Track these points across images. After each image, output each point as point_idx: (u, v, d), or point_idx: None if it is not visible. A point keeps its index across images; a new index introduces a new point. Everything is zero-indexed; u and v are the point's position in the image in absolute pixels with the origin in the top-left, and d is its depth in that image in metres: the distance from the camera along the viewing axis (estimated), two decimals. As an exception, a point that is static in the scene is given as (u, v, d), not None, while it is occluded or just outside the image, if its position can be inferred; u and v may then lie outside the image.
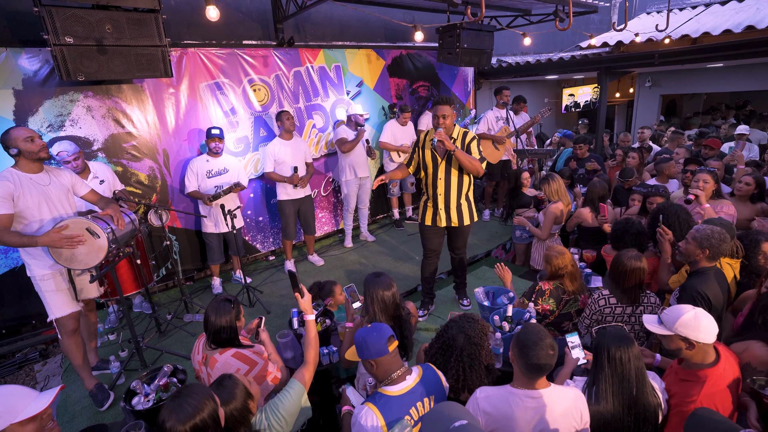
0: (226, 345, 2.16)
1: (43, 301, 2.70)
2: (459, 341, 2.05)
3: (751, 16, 4.70)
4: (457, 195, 3.42)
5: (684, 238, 2.53)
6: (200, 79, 4.28)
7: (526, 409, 1.69)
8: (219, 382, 1.74)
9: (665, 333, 1.84)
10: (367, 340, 1.76)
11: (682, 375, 1.90)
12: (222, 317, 2.13)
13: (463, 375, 2.03)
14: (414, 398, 1.80)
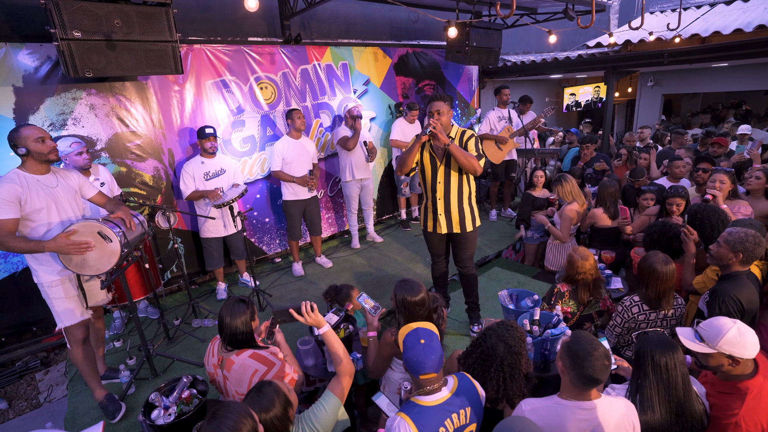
0: (242, 346, 2.11)
1: (51, 309, 2.57)
2: (499, 351, 1.97)
3: (761, 15, 4.71)
4: (458, 199, 3.14)
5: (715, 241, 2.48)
6: (206, 76, 4.15)
7: (578, 421, 1.62)
8: (258, 389, 1.68)
9: (707, 351, 1.72)
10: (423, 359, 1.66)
11: (720, 387, 1.83)
12: (237, 318, 2.08)
13: (504, 386, 1.97)
14: (450, 409, 1.73)
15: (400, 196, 5.93)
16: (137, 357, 3.29)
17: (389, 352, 2.26)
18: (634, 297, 2.52)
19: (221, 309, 2.15)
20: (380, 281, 4.44)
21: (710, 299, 2.42)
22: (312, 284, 4.50)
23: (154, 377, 3.07)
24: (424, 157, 3.09)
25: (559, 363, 1.69)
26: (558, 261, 4.32)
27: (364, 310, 2.53)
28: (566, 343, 1.67)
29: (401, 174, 3.17)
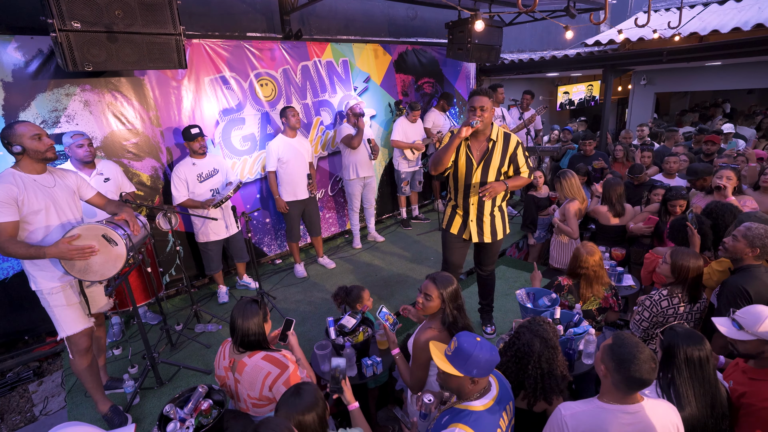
0: (254, 348, 2.05)
1: (52, 317, 2.42)
2: (536, 346, 1.93)
3: (757, 15, 4.80)
4: (492, 204, 2.98)
5: (731, 236, 2.49)
6: (205, 72, 4.00)
7: (622, 425, 1.57)
8: (297, 389, 1.63)
9: (748, 338, 1.75)
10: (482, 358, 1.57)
11: (753, 374, 1.84)
12: (249, 319, 2.03)
13: (542, 383, 1.92)
14: (499, 409, 1.67)
15: (400, 194, 5.86)
16: (140, 365, 3.14)
17: (427, 357, 2.10)
18: (663, 291, 2.50)
19: (233, 310, 2.10)
20: (387, 282, 4.37)
21: (720, 291, 2.43)
22: (316, 286, 4.40)
23: (160, 386, 2.93)
24: (459, 157, 2.88)
25: (601, 366, 1.64)
26: (563, 258, 4.31)
27: (385, 326, 2.43)
28: (609, 346, 1.62)
29: (435, 173, 2.93)
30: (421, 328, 2.26)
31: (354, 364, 2.48)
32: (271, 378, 2.00)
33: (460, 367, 1.58)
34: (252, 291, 4.35)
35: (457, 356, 1.60)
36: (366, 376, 2.48)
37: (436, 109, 5.89)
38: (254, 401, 2.07)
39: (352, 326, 2.61)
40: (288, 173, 4.20)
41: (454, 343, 1.64)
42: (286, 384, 1.99)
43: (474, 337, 1.64)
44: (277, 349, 2.12)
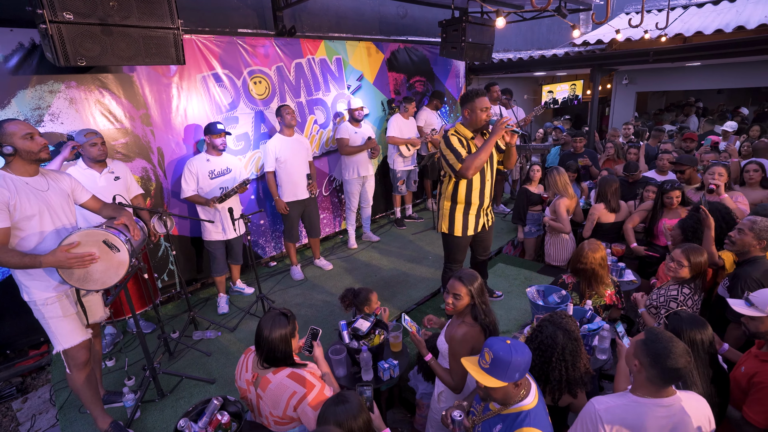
0: (279, 364, 1.93)
1: (47, 329, 2.26)
2: (559, 339, 1.93)
3: (736, 17, 5.00)
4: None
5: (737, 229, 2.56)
6: (197, 69, 3.85)
7: (657, 419, 1.58)
8: (341, 399, 1.58)
9: (759, 315, 1.88)
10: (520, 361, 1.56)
11: (763, 357, 1.94)
12: (277, 332, 1.90)
13: (566, 375, 1.91)
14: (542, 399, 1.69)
15: (395, 194, 5.81)
16: (137, 377, 2.99)
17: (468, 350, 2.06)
18: (685, 290, 2.51)
19: (260, 321, 1.96)
20: (387, 282, 4.32)
21: (732, 283, 2.51)
22: (315, 288, 4.30)
23: (161, 398, 2.79)
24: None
25: (635, 361, 1.64)
26: (559, 255, 4.37)
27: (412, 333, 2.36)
28: (642, 342, 1.62)
29: (471, 176, 2.97)
30: (451, 324, 2.22)
31: (371, 368, 2.42)
32: (296, 398, 1.86)
33: (502, 377, 1.55)
34: (246, 296, 4.22)
35: (495, 367, 1.56)
36: (383, 379, 2.43)
37: (428, 108, 5.87)
38: (276, 419, 1.96)
39: (366, 329, 2.55)
40: (287, 173, 4.09)
41: (488, 355, 1.59)
42: (312, 405, 1.85)
43: (504, 341, 1.61)
44: (302, 364, 1.98)
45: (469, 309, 2.10)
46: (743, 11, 5.33)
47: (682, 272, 2.53)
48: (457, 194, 3.15)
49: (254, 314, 3.79)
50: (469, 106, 2.93)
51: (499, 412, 1.66)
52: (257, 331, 1.94)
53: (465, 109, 2.99)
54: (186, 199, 3.64)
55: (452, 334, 2.12)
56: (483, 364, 1.61)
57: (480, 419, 1.76)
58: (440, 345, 2.29)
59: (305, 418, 1.87)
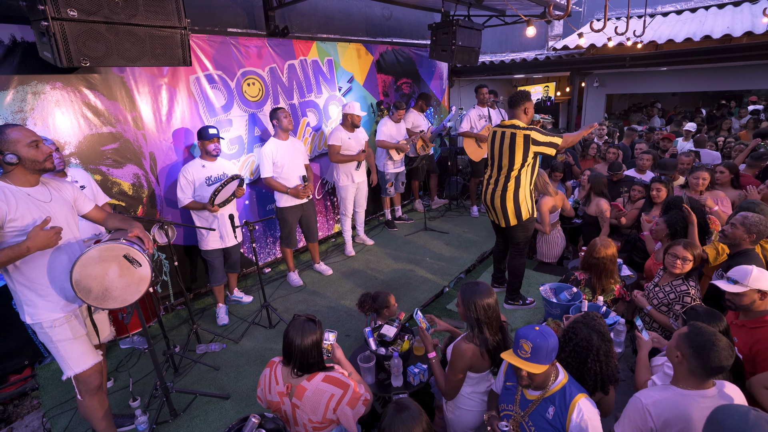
0: (312, 370, 1.93)
1: (56, 354, 2.08)
2: (594, 341, 1.99)
3: (700, 27, 5.39)
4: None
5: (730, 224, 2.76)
6: (191, 69, 3.67)
7: (702, 409, 1.66)
8: (402, 407, 1.58)
9: (742, 290, 2.08)
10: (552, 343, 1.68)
11: (751, 325, 2.13)
12: (308, 338, 1.91)
13: (601, 374, 1.98)
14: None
15: (384, 196, 5.81)
16: (143, 397, 2.81)
17: (466, 365, 2.13)
18: (691, 282, 2.67)
19: (288, 330, 1.95)
20: (389, 285, 4.30)
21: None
22: (316, 294, 4.22)
23: (174, 418, 2.64)
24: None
25: (677, 353, 1.72)
26: (551, 252, 4.54)
27: (421, 329, 2.39)
28: (685, 335, 1.71)
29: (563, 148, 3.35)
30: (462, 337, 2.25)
31: (401, 374, 2.41)
32: (335, 400, 1.88)
33: (544, 360, 1.67)
34: (244, 305, 4.08)
35: (536, 354, 1.67)
36: (413, 384, 2.42)
37: (414, 110, 5.92)
38: (315, 425, 1.93)
39: (393, 335, 2.54)
40: (285, 178, 3.98)
41: (527, 345, 1.68)
42: (350, 404, 1.90)
43: (533, 329, 1.72)
44: (331, 367, 2.00)
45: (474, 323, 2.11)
46: (705, 21, 5.76)
47: (687, 266, 2.69)
48: (530, 181, 3.51)
49: (258, 323, 3.67)
50: (526, 104, 3.33)
51: (542, 396, 1.74)
52: (287, 341, 1.93)
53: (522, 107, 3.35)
54: (185, 207, 3.46)
55: (456, 347, 2.15)
56: (523, 354, 1.69)
57: (526, 413, 1.80)
58: (448, 352, 2.32)
59: (344, 418, 1.90)
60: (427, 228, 5.72)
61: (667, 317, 2.69)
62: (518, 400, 1.83)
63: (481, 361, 2.10)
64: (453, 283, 4.35)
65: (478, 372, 2.13)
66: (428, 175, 6.51)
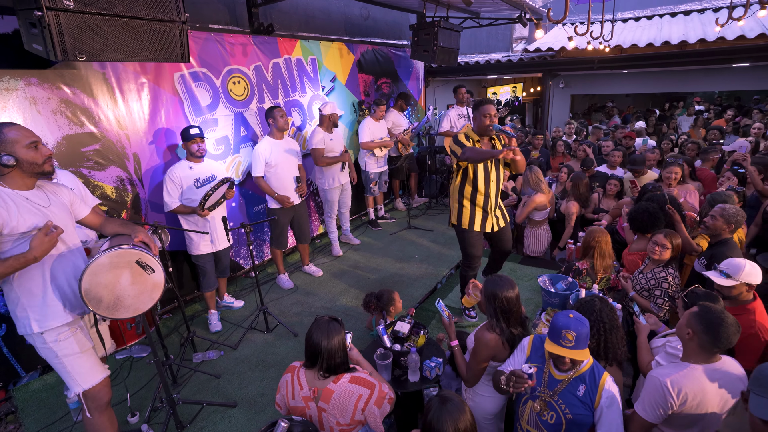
0: (339, 371, 1.93)
1: (61, 370, 1.94)
2: (596, 304, 2.11)
3: (659, 34, 5.82)
4: (501, 196, 3.43)
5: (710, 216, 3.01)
6: (175, 66, 3.51)
7: (713, 380, 1.82)
8: (444, 399, 1.60)
9: (733, 283, 2.25)
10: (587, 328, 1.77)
11: (733, 311, 2.24)
12: (335, 339, 1.90)
13: (604, 337, 2.06)
14: None
15: (368, 195, 5.81)
16: (141, 411, 2.66)
17: (490, 354, 2.20)
18: (670, 270, 2.87)
19: (312, 332, 1.93)
20: (381, 284, 4.31)
21: (709, 261, 2.94)
22: (310, 295, 4.16)
23: (181, 431, 2.52)
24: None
25: (688, 330, 1.86)
26: (537, 246, 4.73)
27: (442, 317, 2.45)
28: (695, 313, 1.85)
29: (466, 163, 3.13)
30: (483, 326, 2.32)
31: (418, 369, 2.44)
32: (363, 401, 1.88)
33: (585, 345, 1.78)
34: (235, 310, 3.96)
35: (580, 341, 1.75)
36: (429, 378, 2.46)
37: (394, 109, 5.96)
38: (343, 428, 1.92)
39: (408, 331, 2.56)
40: (278, 178, 3.90)
41: (571, 335, 1.74)
42: (377, 403, 1.90)
43: (567, 316, 1.80)
44: (354, 368, 2.00)
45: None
46: (662, 28, 6.24)
47: (666, 254, 2.90)
48: (464, 191, 3.28)
49: (255, 328, 3.57)
50: (478, 111, 3.08)
51: (573, 376, 1.83)
52: (311, 343, 1.91)
53: (474, 114, 3.13)
54: (172, 212, 3.30)
55: (479, 336, 2.22)
56: (567, 344, 1.76)
57: (555, 392, 1.88)
58: (469, 341, 2.39)
59: (372, 418, 1.90)
60: (411, 226, 5.78)
61: (648, 302, 2.88)
62: (546, 381, 1.91)
63: (503, 351, 2.16)
64: (445, 279, 4.44)
65: (499, 361, 2.20)
66: (408, 174, 6.59)
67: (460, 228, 3.38)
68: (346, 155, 4.61)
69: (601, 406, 1.79)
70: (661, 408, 1.82)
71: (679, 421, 1.86)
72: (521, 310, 2.28)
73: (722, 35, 4.92)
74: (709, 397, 1.80)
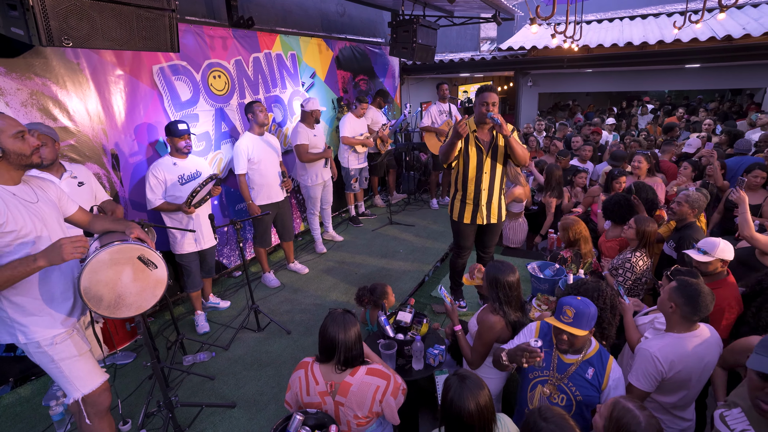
0: (355, 363, 1.94)
1: (58, 375, 1.82)
2: (602, 284, 2.23)
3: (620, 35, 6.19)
4: (498, 190, 3.25)
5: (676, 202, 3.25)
6: (154, 58, 3.36)
7: (695, 347, 1.98)
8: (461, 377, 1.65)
9: (710, 260, 2.43)
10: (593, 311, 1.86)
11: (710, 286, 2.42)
12: (351, 330, 1.91)
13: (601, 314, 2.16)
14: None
15: (348, 191, 5.80)
16: (133, 419, 2.53)
17: (495, 337, 2.28)
18: (637, 253, 3.08)
19: (327, 327, 1.92)
20: (370, 279, 4.30)
21: (679, 243, 3.17)
22: (298, 292, 4.11)
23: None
24: (470, 148, 3.06)
25: (670, 304, 2.01)
26: (516, 238, 4.90)
27: (445, 302, 2.51)
28: (675, 288, 2.00)
29: (446, 164, 3.09)
30: (485, 309, 2.39)
31: (422, 357, 2.47)
32: (380, 392, 1.89)
33: (585, 326, 1.85)
34: (222, 311, 3.84)
35: (579, 319, 1.84)
36: (433, 366, 2.50)
37: (372, 106, 5.98)
38: (360, 420, 1.92)
39: (410, 321, 2.59)
40: (261, 174, 3.82)
41: (570, 311, 1.85)
42: (393, 394, 1.92)
43: (575, 299, 1.90)
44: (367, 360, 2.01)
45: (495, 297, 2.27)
46: (623, 30, 6.64)
47: (629, 233, 3.11)
48: (458, 182, 3.29)
49: (247, 327, 3.48)
50: (477, 98, 3.02)
51: (581, 360, 1.93)
52: (327, 337, 1.90)
53: (474, 101, 3.09)
54: (156, 209, 3.16)
55: (483, 319, 2.29)
56: (566, 320, 1.86)
57: (565, 376, 1.98)
58: (471, 325, 2.47)
59: (388, 409, 1.92)
60: (392, 222, 5.82)
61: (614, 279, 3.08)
62: (555, 366, 2.00)
63: (506, 333, 2.24)
64: (432, 271, 4.51)
65: (502, 343, 2.28)
66: (387, 170, 6.63)
67: (451, 218, 3.44)
68: (328, 151, 4.58)
69: (609, 387, 1.89)
70: (654, 377, 1.96)
71: (669, 387, 2.01)
72: (521, 296, 2.37)
73: (678, 37, 5.31)
74: (693, 362, 1.96)
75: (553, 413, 1.34)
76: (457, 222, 3.39)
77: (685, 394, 2.05)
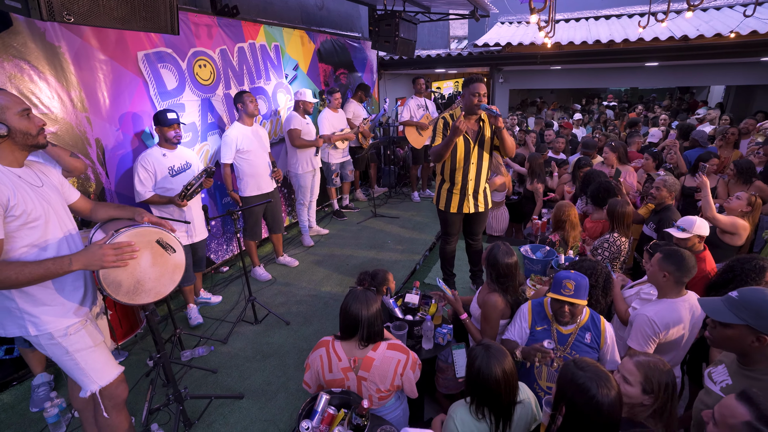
0: (377, 338, 2.00)
1: (73, 367, 1.73)
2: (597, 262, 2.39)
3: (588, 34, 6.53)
4: (484, 179, 3.33)
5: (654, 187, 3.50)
6: (139, 44, 3.22)
7: (686, 310, 2.17)
8: (485, 346, 1.71)
9: (688, 236, 2.65)
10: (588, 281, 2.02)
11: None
12: (373, 306, 1.96)
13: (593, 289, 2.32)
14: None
15: (330, 186, 5.77)
16: (137, 417, 2.44)
17: (499, 314, 2.37)
18: (615, 234, 3.28)
19: (349, 304, 1.96)
20: (362, 269, 4.25)
21: (659, 224, 3.42)
22: (291, 285, 4.07)
23: (189, 428, 2.36)
24: (458, 141, 3.10)
25: (662, 273, 2.18)
26: (499, 226, 5.08)
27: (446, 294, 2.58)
28: (663, 258, 2.17)
29: (437, 163, 3.19)
30: (482, 291, 2.51)
31: (431, 337, 2.54)
32: (401, 365, 1.96)
33: (584, 296, 2.01)
34: (213, 306, 3.75)
35: (578, 291, 1.99)
36: (442, 345, 2.57)
37: (353, 100, 6.00)
38: (382, 394, 1.98)
39: (418, 302, 2.65)
40: (251, 165, 3.75)
41: (570, 284, 2.00)
42: (412, 368, 1.99)
43: (570, 272, 2.05)
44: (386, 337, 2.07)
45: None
46: (591, 29, 7.01)
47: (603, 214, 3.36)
48: (444, 172, 3.36)
49: (244, 320, 3.42)
50: (467, 89, 3.09)
51: (578, 327, 2.08)
52: (350, 314, 1.94)
53: (464, 92, 3.16)
54: (145, 202, 3.03)
55: (486, 300, 2.40)
56: (567, 293, 1.99)
57: (567, 346, 2.11)
58: (473, 309, 2.58)
59: (408, 382, 1.99)
60: (376, 215, 5.86)
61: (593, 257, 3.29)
62: (556, 338, 2.12)
63: (508, 310, 2.36)
64: (422, 260, 4.59)
65: (506, 318, 2.38)
66: (368, 164, 6.65)
67: (437, 208, 3.51)
68: (319, 140, 4.58)
69: (607, 344, 2.06)
70: (652, 338, 2.13)
71: (663, 348, 2.18)
72: (519, 276, 2.50)
73: (642, 36, 5.70)
74: (684, 323, 2.14)
75: (587, 363, 1.44)
76: (444, 211, 3.45)
77: (675, 354, 2.24)
